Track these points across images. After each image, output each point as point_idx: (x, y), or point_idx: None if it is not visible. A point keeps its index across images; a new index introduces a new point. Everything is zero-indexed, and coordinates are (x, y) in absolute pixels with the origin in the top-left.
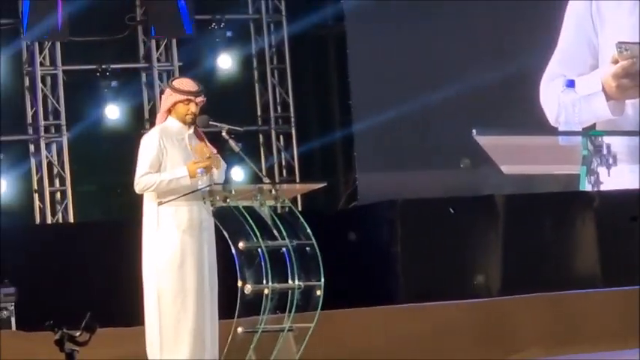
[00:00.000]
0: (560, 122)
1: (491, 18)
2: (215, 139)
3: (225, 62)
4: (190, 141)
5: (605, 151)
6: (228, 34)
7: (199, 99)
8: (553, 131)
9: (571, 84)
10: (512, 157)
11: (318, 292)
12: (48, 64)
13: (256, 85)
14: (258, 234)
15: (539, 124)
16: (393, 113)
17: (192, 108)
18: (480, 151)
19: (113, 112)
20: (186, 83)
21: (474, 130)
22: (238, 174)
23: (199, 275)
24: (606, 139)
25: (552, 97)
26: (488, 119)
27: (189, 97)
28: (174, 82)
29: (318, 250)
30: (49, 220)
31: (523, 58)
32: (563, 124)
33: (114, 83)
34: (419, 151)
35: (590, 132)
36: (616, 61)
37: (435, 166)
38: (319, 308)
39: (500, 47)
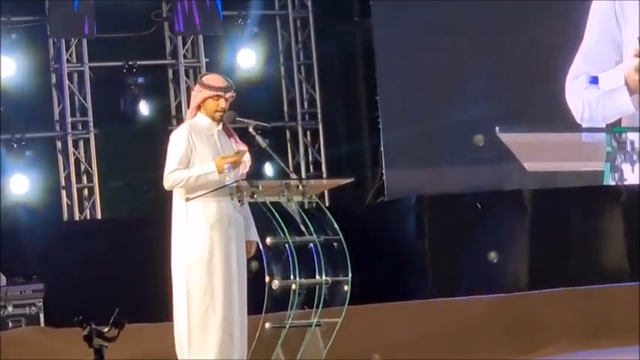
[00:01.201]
0: (584, 119)
1: (517, 17)
2: (242, 135)
3: (252, 58)
4: (219, 137)
5: (629, 148)
6: (255, 30)
7: (229, 94)
8: (576, 128)
9: (594, 80)
10: (536, 154)
11: (346, 287)
12: (75, 60)
13: (283, 81)
14: (285, 229)
15: (562, 121)
16: (420, 108)
17: (222, 104)
18: (504, 146)
19: (140, 109)
20: (216, 79)
21: (497, 128)
22: (265, 170)
23: (228, 271)
24: (630, 136)
25: (576, 94)
26: (514, 115)
27: (219, 93)
28: (203, 78)
29: (345, 246)
30: (76, 217)
31: (548, 55)
32: (587, 120)
33: (140, 80)
34: (446, 146)
35: (613, 128)
36: (638, 55)
37: (461, 161)
38: (347, 303)
39: (525, 44)
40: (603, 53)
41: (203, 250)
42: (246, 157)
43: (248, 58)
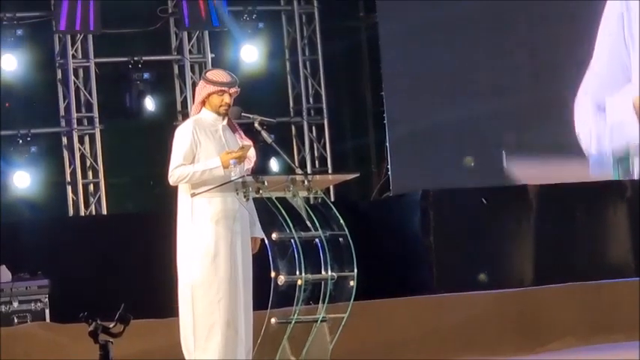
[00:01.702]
0: (590, 153)
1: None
2: (247, 130)
3: (257, 54)
4: (224, 132)
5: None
6: (260, 25)
7: (233, 90)
8: (583, 156)
9: (602, 108)
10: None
11: (352, 283)
12: (80, 56)
13: (288, 76)
14: (291, 225)
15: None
16: (425, 103)
17: (226, 99)
18: (512, 141)
19: (145, 104)
20: (220, 74)
21: (504, 158)
22: (271, 165)
23: (233, 266)
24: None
25: (584, 121)
26: (520, 112)
27: (223, 89)
28: (207, 74)
29: (350, 241)
30: (82, 213)
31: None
32: (596, 157)
33: (146, 75)
34: (451, 141)
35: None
36: None
37: (468, 155)
38: (352, 299)
39: (532, 40)
40: (612, 76)
41: (208, 246)
42: (252, 153)
43: (253, 53)
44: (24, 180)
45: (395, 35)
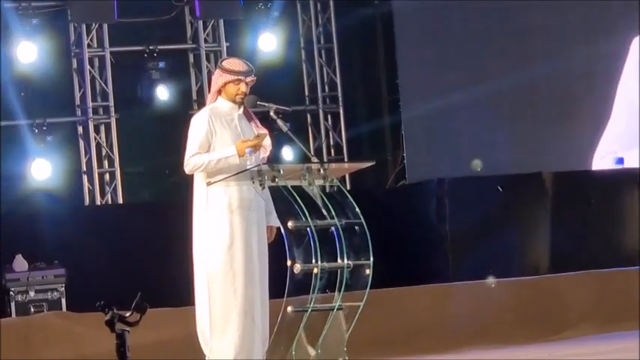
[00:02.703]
0: None
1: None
2: (263, 119)
3: (272, 42)
4: (240, 121)
5: None
6: (275, 13)
7: (249, 79)
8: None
9: (620, 161)
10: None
11: (368, 271)
12: (95, 45)
13: (303, 64)
14: (307, 213)
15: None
16: (441, 90)
17: (243, 88)
18: (526, 125)
19: (161, 94)
20: (236, 63)
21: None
22: (287, 154)
23: (249, 255)
24: None
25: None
26: (533, 92)
27: (239, 77)
28: (224, 63)
29: (366, 229)
30: (98, 202)
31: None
32: None
33: (161, 64)
34: (467, 128)
35: None
36: None
37: (482, 144)
38: (368, 287)
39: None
40: (630, 134)
41: (224, 235)
42: (267, 141)
43: (269, 42)
44: (42, 170)
45: (410, 22)
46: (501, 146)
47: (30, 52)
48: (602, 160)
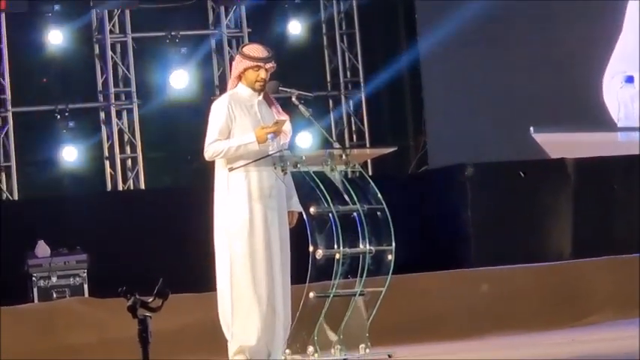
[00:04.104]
0: (619, 118)
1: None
2: (284, 104)
3: (294, 28)
4: (260, 107)
5: None
6: (297, 0)
7: (269, 65)
8: (610, 127)
9: (630, 80)
10: (570, 154)
11: (390, 257)
12: (117, 31)
13: (325, 50)
14: (329, 199)
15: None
16: (463, 75)
17: (262, 74)
18: (547, 115)
19: (182, 79)
20: (256, 49)
21: (531, 128)
22: (308, 139)
23: (269, 241)
24: None
25: (612, 93)
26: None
27: (259, 64)
28: (244, 49)
29: (389, 215)
30: (120, 187)
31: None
32: (623, 119)
33: (183, 50)
34: (489, 114)
35: None
36: None
37: (505, 129)
38: (390, 272)
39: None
40: (638, 51)
41: (244, 221)
42: (288, 127)
43: (290, 27)
44: (65, 155)
45: (432, 6)
46: (523, 131)
47: (54, 38)
48: (612, 80)
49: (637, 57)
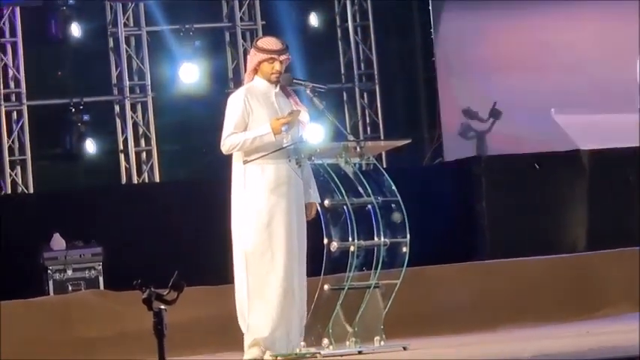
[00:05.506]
0: None
1: None
2: (298, 97)
3: (308, 20)
4: (278, 99)
5: None
6: None
7: (283, 57)
8: (631, 109)
9: None
10: (591, 135)
11: (404, 249)
12: (132, 24)
13: (339, 42)
14: (343, 191)
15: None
16: (478, 67)
17: (277, 66)
18: (566, 102)
19: (197, 72)
20: (270, 42)
21: (552, 110)
22: (322, 132)
23: (287, 233)
24: None
25: None
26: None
27: (273, 56)
28: (258, 42)
29: (403, 207)
30: (134, 180)
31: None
32: None
33: (197, 43)
34: (504, 106)
35: None
36: None
37: (520, 120)
38: (405, 265)
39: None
40: None
41: (261, 214)
42: (305, 118)
43: (305, 20)
44: (82, 148)
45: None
46: (541, 123)
47: (69, 32)
48: None
49: None
